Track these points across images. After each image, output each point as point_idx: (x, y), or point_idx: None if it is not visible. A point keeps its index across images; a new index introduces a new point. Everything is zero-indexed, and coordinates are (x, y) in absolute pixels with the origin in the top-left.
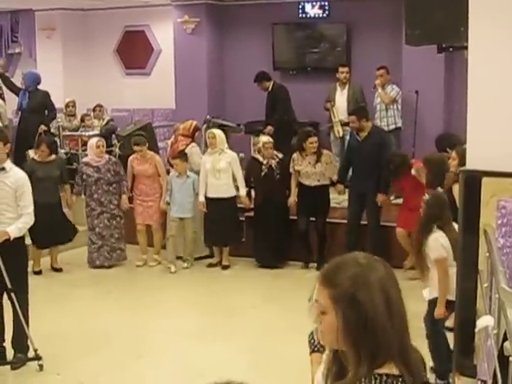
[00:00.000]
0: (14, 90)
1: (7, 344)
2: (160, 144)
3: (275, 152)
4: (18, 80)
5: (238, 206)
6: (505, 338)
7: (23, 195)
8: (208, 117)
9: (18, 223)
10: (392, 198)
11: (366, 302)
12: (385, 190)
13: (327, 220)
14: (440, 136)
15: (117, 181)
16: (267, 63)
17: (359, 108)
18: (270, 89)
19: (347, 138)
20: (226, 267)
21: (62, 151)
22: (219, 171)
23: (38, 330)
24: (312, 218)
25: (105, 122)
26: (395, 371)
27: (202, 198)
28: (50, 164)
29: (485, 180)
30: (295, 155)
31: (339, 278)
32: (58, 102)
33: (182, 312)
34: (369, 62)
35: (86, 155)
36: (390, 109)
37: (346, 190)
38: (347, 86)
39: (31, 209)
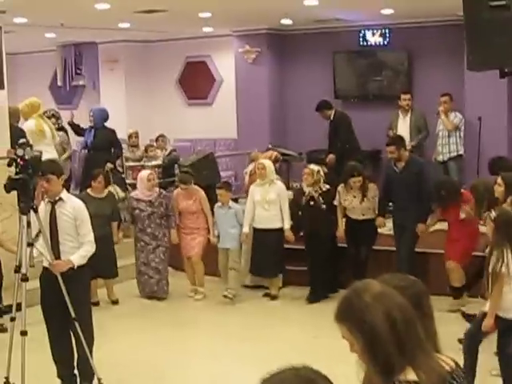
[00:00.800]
0: (80, 132)
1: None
2: (222, 174)
3: (322, 184)
4: (81, 113)
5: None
6: None
7: (82, 223)
8: (270, 146)
9: (81, 251)
10: (430, 224)
11: (371, 326)
12: (425, 220)
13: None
14: (493, 159)
15: (168, 214)
16: (328, 92)
17: (397, 137)
18: (331, 117)
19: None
20: (274, 297)
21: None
22: (268, 203)
23: (101, 359)
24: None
25: (167, 152)
26: (413, 377)
27: (246, 230)
28: (102, 200)
29: None
30: (340, 188)
31: (348, 312)
32: (122, 132)
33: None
34: (431, 88)
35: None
36: (453, 136)
37: (386, 223)
38: (409, 113)
39: (91, 236)
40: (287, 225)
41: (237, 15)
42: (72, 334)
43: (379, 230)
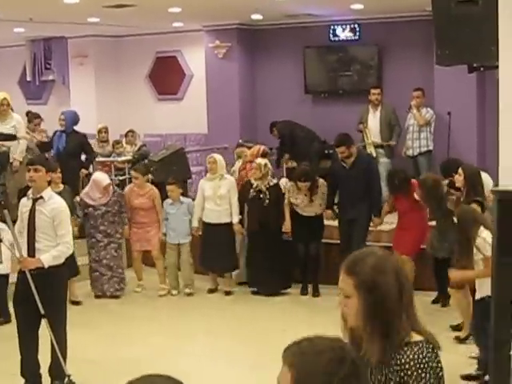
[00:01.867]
0: (49, 147)
1: (43, 372)
2: (193, 169)
3: (270, 178)
4: (51, 109)
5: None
6: None
7: (60, 224)
8: (240, 141)
9: (53, 251)
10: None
11: (382, 287)
12: (378, 213)
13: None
14: (444, 162)
15: (121, 211)
16: (299, 86)
17: (343, 136)
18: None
19: (381, 160)
20: (228, 293)
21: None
22: (220, 197)
23: (70, 356)
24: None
25: (137, 147)
26: (418, 338)
27: (195, 224)
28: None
29: None
30: (290, 187)
31: (360, 268)
32: (91, 128)
33: (210, 337)
34: (401, 83)
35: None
36: (423, 131)
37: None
38: (379, 108)
39: (68, 238)
40: (236, 219)
41: (207, 10)
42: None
43: (331, 223)
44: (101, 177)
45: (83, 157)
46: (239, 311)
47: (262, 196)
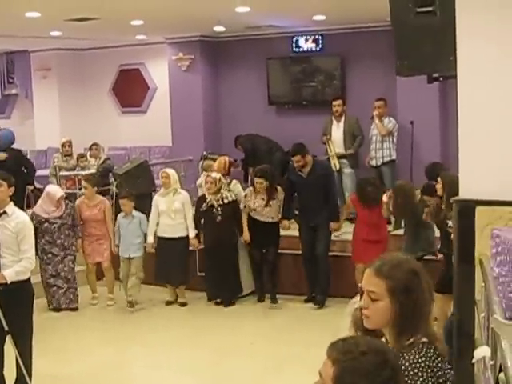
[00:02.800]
0: None
1: None
2: (157, 181)
3: (226, 192)
4: (15, 122)
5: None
6: (501, 369)
7: (24, 239)
8: (204, 153)
9: (16, 267)
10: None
11: (417, 291)
12: (337, 218)
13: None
14: (429, 166)
15: (74, 224)
16: (262, 98)
17: (298, 146)
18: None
19: (345, 170)
20: (183, 304)
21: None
22: (174, 212)
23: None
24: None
25: (101, 160)
26: (424, 339)
27: (151, 239)
28: None
29: (479, 209)
30: (248, 191)
31: (396, 273)
32: (55, 141)
33: (170, 350)
34: (364, 93)
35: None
36: (386, 141)
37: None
38: (343, 119)
39: (31, 253)
40: (192, 233)
41: (170, 23)
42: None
43: (289, 233)
44: (54, 189)
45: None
46: (195, 322)
47: (214, 211)
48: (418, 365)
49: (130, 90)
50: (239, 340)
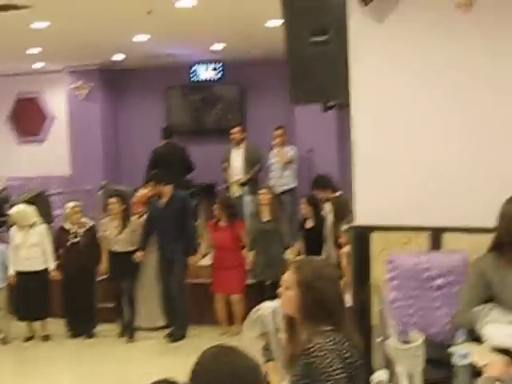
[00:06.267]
0: None
1: None
2: (57, 211)
3: (86, 220)
4: None
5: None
6: None
7: None
8: (103, 182)
9: None
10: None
11: (318, 290)
12: (195, 251)
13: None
14: (317, 177)
15: None
16: (162, 126)
17: (154, 174)
18: None
19: (245, 198)
20: (46, 338)
21: None
22: (31, 245)
23: None
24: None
25: None
26: (331, 327)
27: (11, 272)
28: None
29: (374, 235)
30: (104, 220)
31: (303, 270)
32: None
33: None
34: (264, 121)
35: None
36: (287, 169)
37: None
38: (243, 146)
39: None
40: (52, 265)
41: (68, 51)
42: None
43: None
44: None
45: None
46: (57, 355)
47: (76, 240)
48: (324, 347)
49: (28, 118)
50: (95, 372)
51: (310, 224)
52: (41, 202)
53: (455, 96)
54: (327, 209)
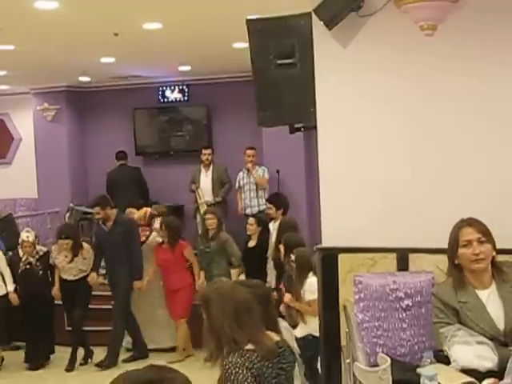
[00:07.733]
0: None
1: None
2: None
3: (39, 247)
4: None
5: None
6: None
7: None
8: (71, 205)
9: None
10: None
11: (207, 313)
12: (140, 276)
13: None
14: (273, 194)
15: None
16: (129, 148)
17: (101, 197)
18: None
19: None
20: None
21: None
22: None
23: None
24: None
25: None
26: (251, 347)
27: None
28: None
29: (341, 256)
30: (53, 248)
31: (207, 290)
32: None
33: None
34: (231, 142)
35: None
36: (261, 190)
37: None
38: (211, 168)
39: None
40: (10, 288)
41: (34, 73)
42: None
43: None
44: None
45: None
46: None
47: (28, 267)
48: (237, 365)
49: None
50: None
51: (252, 243)
52: (8, 224)
53: (418, 118)
54: (271, 228)
